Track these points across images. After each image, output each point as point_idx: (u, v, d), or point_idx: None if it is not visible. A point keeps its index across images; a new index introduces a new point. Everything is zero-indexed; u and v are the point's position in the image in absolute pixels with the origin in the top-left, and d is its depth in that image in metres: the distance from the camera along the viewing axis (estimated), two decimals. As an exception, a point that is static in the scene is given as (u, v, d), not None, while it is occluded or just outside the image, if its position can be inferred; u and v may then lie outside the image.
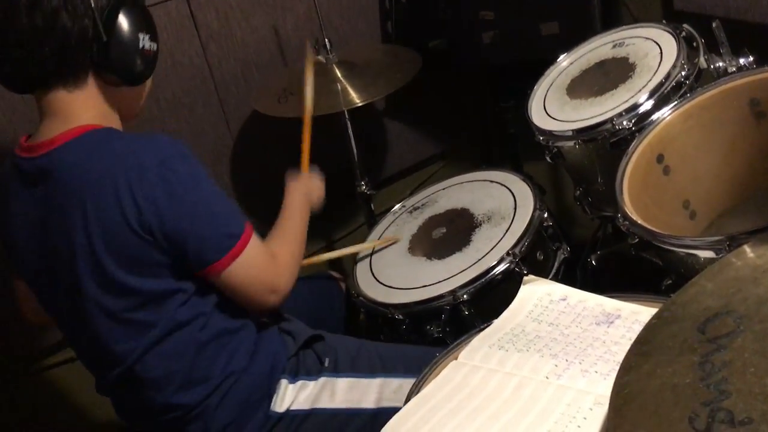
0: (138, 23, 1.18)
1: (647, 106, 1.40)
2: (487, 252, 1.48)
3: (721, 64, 1.41)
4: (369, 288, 1.56)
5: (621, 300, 1.06)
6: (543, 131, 1.55)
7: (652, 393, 0.72)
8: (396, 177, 2.48)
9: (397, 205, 1.80)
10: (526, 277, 1.16)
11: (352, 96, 1.82)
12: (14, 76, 1.17)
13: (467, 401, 0.95)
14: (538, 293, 1.12)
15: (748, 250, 0.83)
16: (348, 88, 1.85)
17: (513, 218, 1.54)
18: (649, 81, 1.45)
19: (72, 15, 1.12)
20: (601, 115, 1.46)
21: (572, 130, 1.49)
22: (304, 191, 1.49)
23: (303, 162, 1.61)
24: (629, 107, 1.41)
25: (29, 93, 1.21)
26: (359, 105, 1.81)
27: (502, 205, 1.59)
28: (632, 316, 1.02)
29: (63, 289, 1.21)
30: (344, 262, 2.23)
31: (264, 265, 1.24)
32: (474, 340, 1.06)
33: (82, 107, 1.18)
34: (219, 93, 2.09)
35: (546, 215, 1.53)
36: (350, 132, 1.94)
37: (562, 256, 1.56)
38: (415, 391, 1.01)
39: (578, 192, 1.64)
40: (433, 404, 0.96)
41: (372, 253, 1.67)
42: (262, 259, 1.24)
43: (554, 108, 1.59)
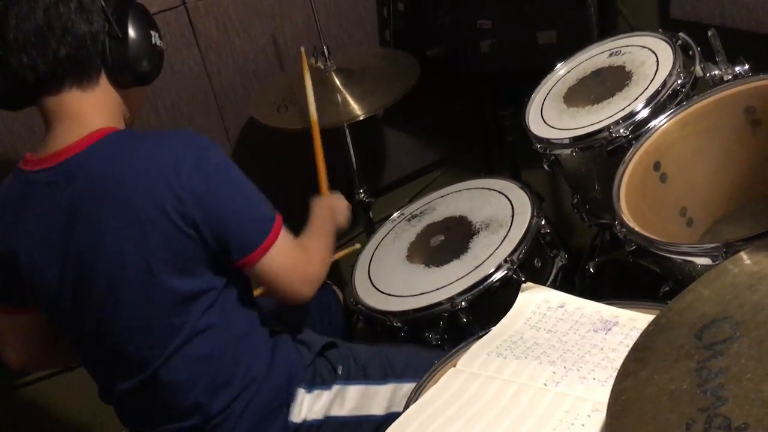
0: (148, 22, 1.22)
1: (644, 114, 1.40)
2: (485, 259, 1.49)
3: (717, 72, 1.42)
4: (367, 295, 1.57)
5: (618, 307, 1.06)
6: (540, 139, 1.55)
7: (649, 399, 0.72)
8: (395, 185, 2.48)
9: (396, 213, 1.81)
10: (524, 285, 1.16)
11: (353, 107, 1.83)
12: (25, 81, 1.15)
13: (466, 408, 0.95)
14: (536, 300, 1.12)
15: (744, 257, 0.84)
16: (348, 98, 1.85)
17: (511, 226, 1.54)
18: (645, 89, 1.45)
19: (87, 18, 1.14)
20: (598, 123, 1.46)
21: (569, 137, 1.49)
22: (329, 207, 1.50)
23: (321, 183, 1.62)
24: (626, 115, 1.42)
25: (30, 104, 1.20)
26: (360, 118, 1.81)
27: (499, 213, 1.60)
28: (630, 323, 1.03)
29: (93, 300, 1.18)
30: (342, 271, 2.23)
31: (297, 252, 1.26)
32: (472, 348, 1.06)
33: (93, 110, 1.18)
34: (218, 102, 2.09)
35: (543, 222, 1.54)
36: (349, 140, 1.95)
37: (560, 263, 1.57)
38: (413, 398, 1.02)
39: (576, 199, 1.64)
40: (432, 411, 0.96)
41: (370, 260, 1.67)
42: (294, 245, 1.26)
43: (551, 116, 1.60)
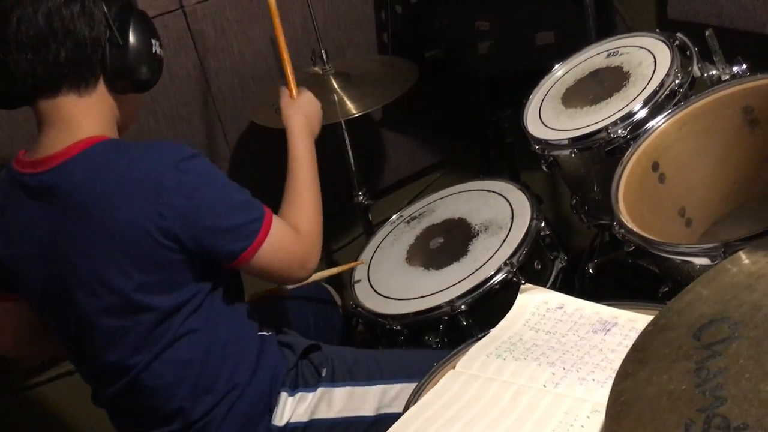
0: (149, 30, 1.22)
1: (642, 114, 1.41)
2: (484, 262, 1.48)
3: (714, 72, 1.42)
4: (367, 299, 1.56)
5: (618, 308, 1.06)
6: (539, 140, 1.55)
7: (648, 400, 0.72)
8: (394, 187, 2.48)
9: (395, 216, 1.81)
10: (523, 286, 1.16)
11: (349, 107, 1.83)
12: (23, 82, 1.15)
13: (465, 410, 0.95)
14: (535, 302, 1.12)
15: (743, 257, 0.84)
16: (345, 99, 1.85)
17: (510, 228, 1.54)
18: (643, 89, 1.45)
19: (89, 23, 1.14)
20: (596, 123, 1.46)
21: (568, 138, 1.49)
22: (305, 124, 1.45)
23: (289, 85, 1.55)
24: (624, 116, 1.42)
25: (28, 103, 1.20)
26: (356, 115, 1.81)
27: (499, 215, 1.60)
28: (629, 324, 1.03)
29: (74, 308, 1.19)
30: (342, 274, 2.23)
31: (290, 241, 1.25)
32: (472, 349, 1.06)
33: (86, 116, 1.18)
34: (216, 105, 2.09)
35: (543, 224, 1.54)
36: (347, 142, 1.95)
37: (560, 265, 1.57)
38: (413, 400, 1.02)
39: (575, 200, 1.64)
40: (431, 413, 0.96)
41: (369, 263, 1.67)
42: (286, 234, 1.24)
43: (550, 117, 1.60)
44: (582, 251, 1.92)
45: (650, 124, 1.37)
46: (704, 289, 0.82)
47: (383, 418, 1.30)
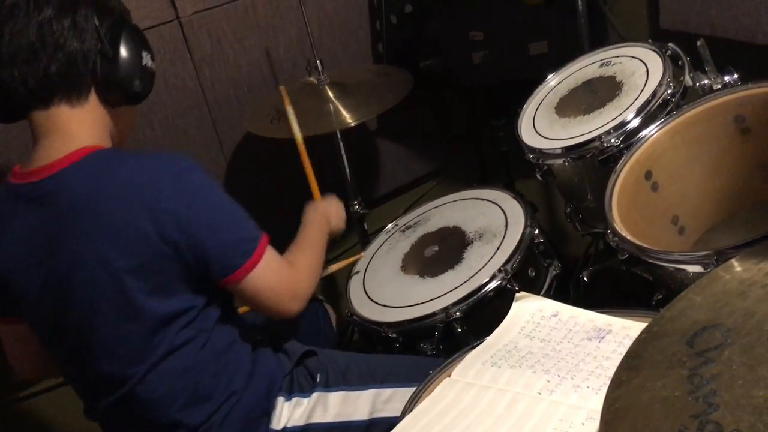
0: (140, 43, 1.22)
1: (635, 123, 1.42)
2: (479, 269, 1.49)
3: (706, 81, 1.43)
4: (362, 307, 1.57)
5: (612, 315, 1.07)
6: (533, 149, 1.57)
7: (642, 407, 0.72)
8: (389, 196, 2.49)
9: (390, 224, 1.81)
10: (518, 294, 1.17)
11: (345, 116, 1.84)
12: (15, 94, 1.16)
13: (461, 418, 0.96)
14: (530, 309, 1.13)
15: (735, 264, 0.84)
16: (340, 109, 1.86)
17: (504, 235, 1.55)
18: (636, 99, 1.47)
19: (80, 35, 1.15)
20: (589, 133, 1.48)
21: (561, 147, 1.50)
22: (321, 213, 1.50)
23: (313, 190, 1.63)
24: (617, 125, 1.43)
25: (22, 117, 1.20)
26: (352, 125, 1.82)
27: (493, 223, 1.61)
28: (623, 331, 1.03)
29: (72, 317, 1.19)
30: (337, 283, 2.23)
31: (284, 269, 1.26)
32: (467, 357, 1.07)
33: (81, 126, 1.19)
34: (212, 115, 2.10)
35: (537, 232, 1.54)
36: (343, 152, 1.96)
37: (554, 273, 1.57)
38: (409, 408, 1.02)
39: (569, 209, 1.65)
40: (427, 421, 0.97)
41: (365, 271, 1.68)
42: (279, 263, 1.26)
43: (543, 126, 1.61)
44: (577, 259, 1.93)
45: (643, 133, 1.39)
46: (697, 297, 0.83)
47: (376, 421, 1.31)
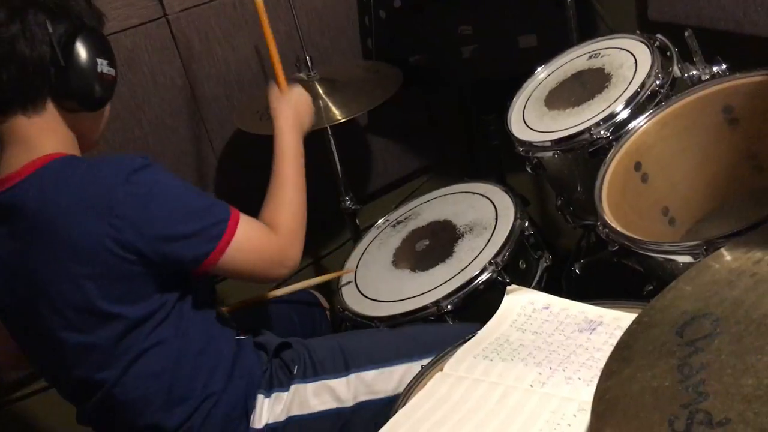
0: (96, 49, 1.18)
1: (624, 115, 1.42)
2: (469, 262, 1.49)
3: (694, 72, 1.43)
4: (354, 302, 1.57)
5: (603, 307, 1.07)
6: (523, 142, 1.57)
7: (632, 397, 0.73)
8: (381, 192, 2.49)
9: (381, 220, 1.81)
10: (509, 287, 1.17)
11: (334, 112, 1.84)
12: None
13: (453, 412, 0.95)
14: (522, 302, 1.13)
15: (724, 254, 0.85)
16: (330, 105, 1.86)
17: (495, 228, 1.55)
18: (624, 90, 1.47)
19: (30, 42, 1.12)
20: (579, 125, 1.48)
21: (551, 140, 1.50)
22: (293, 120, 1.42)
23: (279, 79, 1.52)
24: (606, 117, 1.43)
25: None
26: (341, 121, 1.82)
27: (483, 216, 1.61)
28: (614, 323, 1.03)
29: (41, 326, 1.18)
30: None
31: (262, 240, 1.23)
32: (459, 351, 1.07)
33: (42, 134, 1.17)
34: (202, 113, 2.09)
35: (527, 224, 1.55)
36: (333, 148, 1.96)
37: (545, 264, 1.58)
38: (401, 403, 1.02)
39: (559, 202, 1.65)
40: (420, 416, 0.96)
41: (356, 267, 1.68)
42: (258, 235, 1.23)
43: (533, 119, 1.61)
44: (569, 252, 1.93)
45: (632, 125, 1.39)
46: (687, 287, 0.83)
47: (362, 405, 1.29)
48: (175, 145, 2.07)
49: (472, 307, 1.44)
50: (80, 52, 1.15)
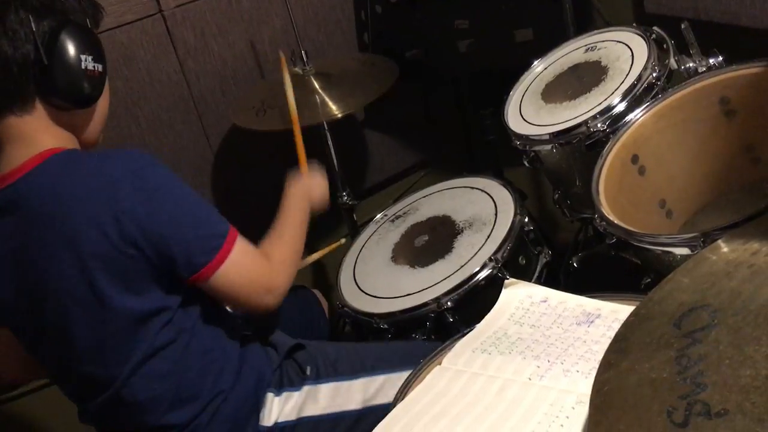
0: (80, 45, 1.15)
1: (620, 107, 1.42)
2: (469, 258, 1.49)
3: (691, 64, 1.43)
4: (354, 298, 1.57)
5: (601, 300, 1.07)
6: (519, 136, 1.56)
7: (630, 389, 0.73)
8: (378, 187, 2.49)
9: (379, 215, 1.81)
10: (507, 281, 1.16)
11: (331, 107, 1.83)
12: None
13: (451, 405, 0.96)
14: (520, 296, 1.13)
15: (722, 245, 0.85)
16: (326, 100, 1.86)
17: (494, 224, 1.54)
18: (621, 83, 1.47)
19: (12, 42, 1.10)
20: (575, 118, 1.47)
21: (548, 133, 1.50)
22: (303, 191, 1.45)
23: (300, 162, 1.58)
24: (603, 109, 1.43)
25: None
26: (338, 116, 1.82)
27: (483, 211, 1.60)
28: (612, 315, 1.03)
29: (48, 323, 1.18)
30: (328, 274, 2.23)
31: (256, 264, 1.23)
32: (457, 345, 1.07)
33: (38, 132, 1.16)
34: (198, 108, 2.09)
35: (527, 220, 1.54)
36: (330, 143, 1.95)
37: (544, 260, 1.57)
38: (399, 397, 1.02)
39: (557, 195, 1.65)
40: (418, 410, 0.97)
41: (355, 263, 1.68)
42: (252, 258, 1.22)
43: (530, 113, 1.61)
44: (567, 245, 1.93)
45: (629, 117, 1.39)
46: (684, 278, 0.83)
47: (370, 410, 1.30)
48: (172, 141, 2.07)
49: (472, 304, 1.43)
50: (63, 49, 1.13)
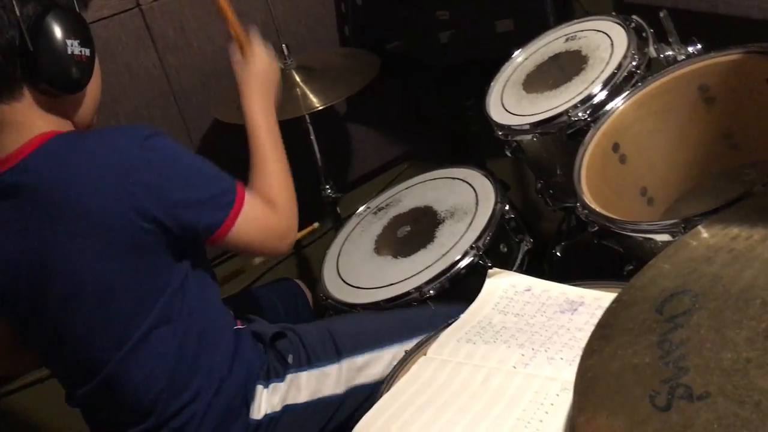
0: (65, 29, 1.12)
1: (601, 96, 1.42)
2: (451, 247, 1.50)
3: (670, 52, 1.44)
4: (337, 290, 1.57)
5: (584, 287, 1.08)
6: (501, 126, 1.57)
7: (614, 375, 0.73)
8: (361, 180, 2.48)
9: (362, 207, 1.81)
10: (490, 270, 1.17)
11: (312, 100, 1.83)
12: None
13: (437, 395, 0.96)
14: (503, 285, 1.13)
15: (702, 231, 0.86)
16: (307, 93, 1.85)
17: (475, 213, 1.55)
18: (601, 72, 1.47)
19: None
20: (557, 107, 1.48)
21: (529, 123, 1.51)
22: (259, 87, 1.38)
23: (239, 42, 1.41)
24: (584, 98, 1.44)
25: None
26: (320, 109, 1.81)
27: (464, 201, 1.61)
28: (595, 303, 1.04)
29: (50, 304, 1.16)
30: (312, 267, 2.23)
31: (265, 212, 1.24)
32: (442, 335, 1.07)
33: (29, 117, 1.15)
34: (178, 103, 2.07)
35: (507, 208, 1.55)
36: (312, 137, 1.95)
37: (526, 248, 1.59)
38: (385, 388, 1.02)
39: (539, 185, 1.66)
40: (404, 400, 0.97)
41: (338, 255, 1.68)
42: (261, 205, 1.23)
43: (511, 103, 1.61)
44: (550, 235, 1.94)
45: (609, 106, 1.39)
46: (665, 264, 0.84)
47: (354, 391, 1.30)
48: (152, 136, 2.05)
49: (455, 292, 1.44)
50: (48, 34, 1.11)
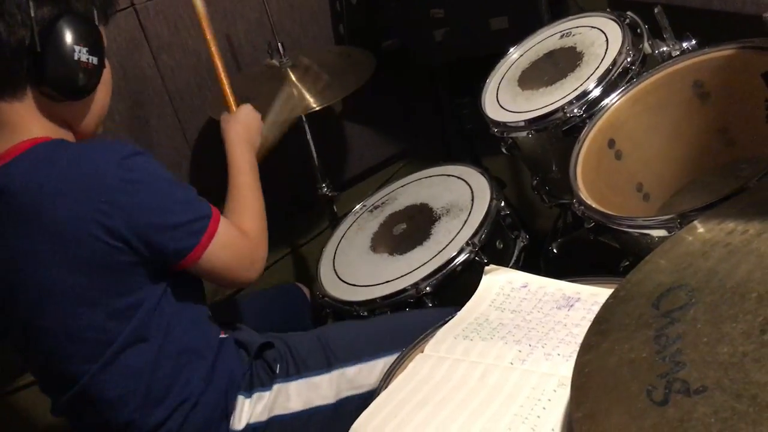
0: (75, 35, 1.12)
1: (596, 92, 1.43)
2: (447, 244, 1.50)
3: (665, 48, 1.44)
4: (333, 288, 1.57)
5: (580, 283, 1.08)
6: (497, 123, 1.57)
7: (611, 370, 0.73)
8: (358, 178, 2.49)
9: (358, 205, 1.81)
10: (487, 267, 1.17)
11: (309, 100, 1.82)
12: None
13: (434, 392, 0.96)
14: (500, 282, 1.14)
15: (698, 226, 0.86)
16: (303, 92, 1.85)
17: (471, 209, 1.55)
18: (596, 68, 1.47)
19: (8, 25, 1.08)
20: (552, 104, 1.48)
21: (525, 120, 1.51)
22: (243, 135, 1.43)
23: (227, 99, 1.51)
24: (579, 95, 1.44)
25: None
26: (316, 109, 1.81)
27: (460, 198, 1.61)
28: (591, 298, 1.04)
29: (21, 314, 1.16)
30: (309, 266, 2.23)
31: (237, 240, 1.23)
32: (439, 332, 1.07)
33: (26, 120, 1.14)
34: (173, 103, 2.07)
35: (503, 204, 1.56)
36: (309, 136, 1.95)
37: (522, 244, 1.59)
38: (383, 386, 1.02)
39: (535, 181, 1.66)
40: (401, 398, 0.97)
41: (335, 253, 1.68)
42: (233, 234, 1.23)
43: (507, 100, 1.61)
44: (546, 232, 1.94)
45: (605, 102, 1.39)
46: (662, 260, 0.84)
47: (344, 401, 1.28)
48: (148, 136, 2.05)
49: (451, 288, 1.44)
50: (57, 38, 1.11)
